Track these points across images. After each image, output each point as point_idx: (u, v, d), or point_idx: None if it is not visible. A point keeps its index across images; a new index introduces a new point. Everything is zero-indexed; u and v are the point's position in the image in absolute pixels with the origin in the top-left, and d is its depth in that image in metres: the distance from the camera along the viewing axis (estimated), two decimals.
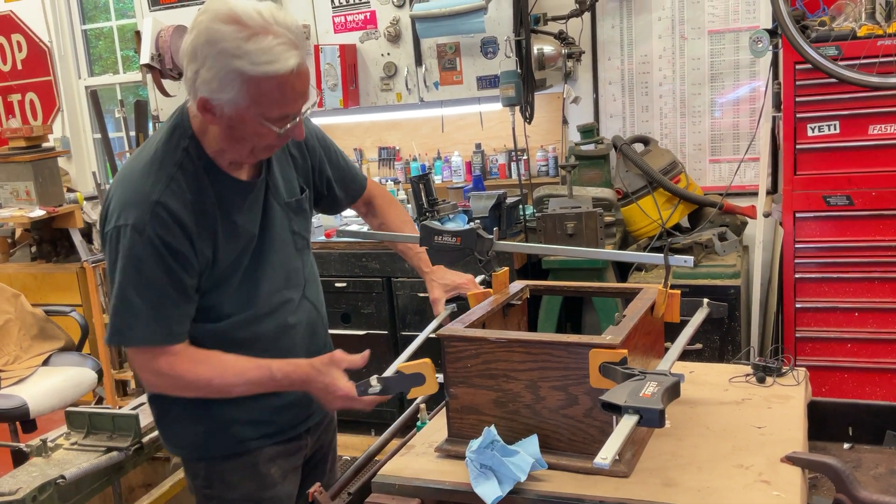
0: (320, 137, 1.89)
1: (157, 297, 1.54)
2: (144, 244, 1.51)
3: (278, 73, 1.45)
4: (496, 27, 3.72)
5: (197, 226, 1.57)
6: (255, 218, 1.68)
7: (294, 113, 1.54)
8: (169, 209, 1.53)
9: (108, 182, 5.10)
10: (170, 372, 1.57)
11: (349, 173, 1.96)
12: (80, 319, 3.95)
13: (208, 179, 1.60)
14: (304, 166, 1.83)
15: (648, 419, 1.17)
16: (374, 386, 1.51)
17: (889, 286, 3.02)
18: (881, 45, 2.83)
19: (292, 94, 1.50)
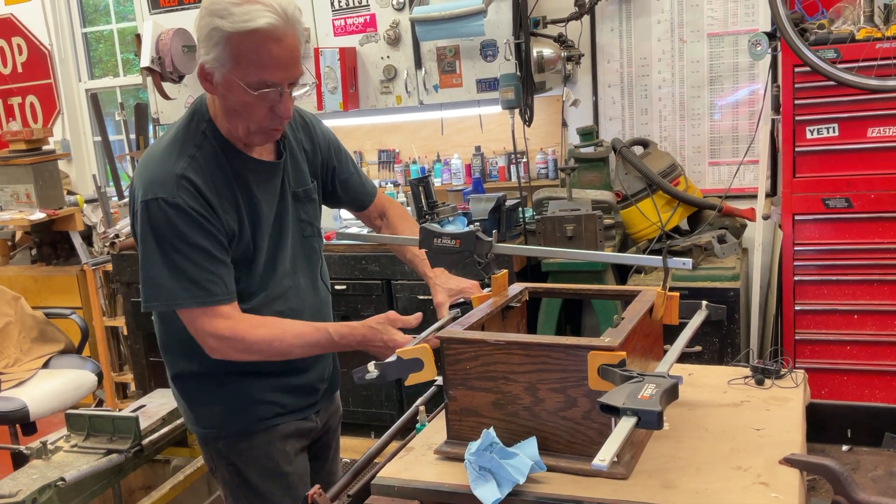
0: (332, 140, 2.00)
1: (187, 259, 1.65)
2: (174, 212, 1.63)
3: (251, 30, 1.55)
4: (495, 30, 3.73)
5: (219, 198, 1.69)
6: (273, 199, 1.79)
7: (273, 81, 1.61)
8: (192, 181, 1.65)
9: (109, 185, 5.11)
10: (231, 335, 1.68)
11: (356, 179, 2.05)
12: (80, 322, 3.95)
13: (226, 158, 1.72)
14: (314, 161, 1.93)
15: (647, 421, 1.17)
16: (371, 372, 1.50)
17: (888, 288, 3.02)
18: (880, 48, 2.84)
19: (269, 58, 1.59)
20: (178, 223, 1.64)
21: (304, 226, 1.89)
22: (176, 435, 2.35)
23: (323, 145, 1.96)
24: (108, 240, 4.23)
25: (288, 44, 1.61)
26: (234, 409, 1.83)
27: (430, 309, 3.59)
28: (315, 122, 1.98)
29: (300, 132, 1.92)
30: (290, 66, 1.64)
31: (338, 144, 2.02)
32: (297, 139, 1.90)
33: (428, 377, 1.50)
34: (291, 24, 1.61)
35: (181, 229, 1.64)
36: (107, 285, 4.66)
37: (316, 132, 1.96)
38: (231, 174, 1.72)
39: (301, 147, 1.90)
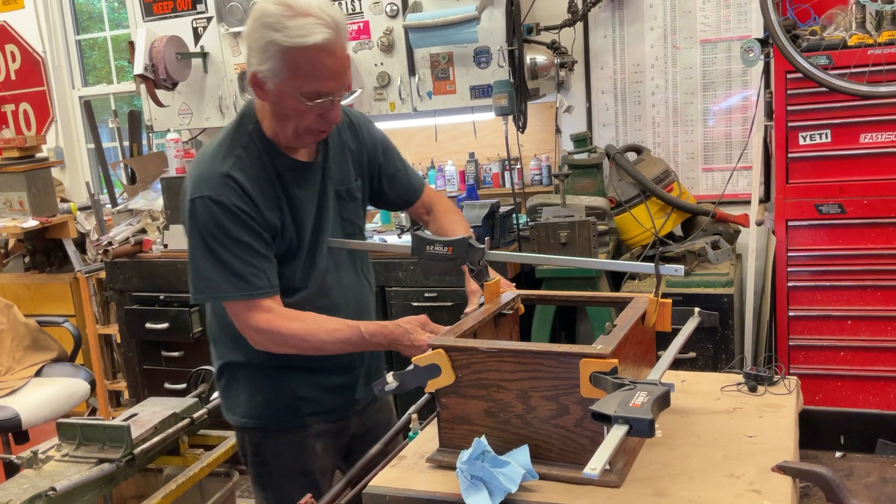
0: (379, 138, 2.06)
1: (231, 254, 1.75)
2: (220, 210, 1.74)
3: (308, 45, 1.64)
4: (489, 37, 3.73)
5: (262, 196, 1.78)
6: (312, 197, 1.88)
7: (326, 92, 1.71)
8: (237, 180, 1.76)
9: (102, 192, 5.10)
10: (268, 328, 1.76)
11: (403, 175, 2.11)
12: (72, 330, 3.94)
13: (269, 158, 1.82)
14: (360, 160, 2.00)
15: (638, 429, 1.17)
16: (390, 383, 1.50)
17: (882, 294, 3.03)
18: (871, 55, 2.85)
19: (324, 70, 1.68)
20: (223, 220, 1.74)
21: (345, 224, 1.96)
22: (168, 444, 2.34)
23: (369, 144, 2.02)
24: (101, 247, 4.22)
25: (340, 55, 1.70)
26: (271, 402, 1.91)
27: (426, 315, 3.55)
28: (362, 121, 2.05)
29: (346, 132, 1.99)
30: (342, 76, 1.73)
31: (385, 142, 2.08)
32: (343, 139, 1.97)
33: (447, 382, 1.47)
34: (342, 34, 1.69)
35: (226, 226, 1.74)
36: (100, 293, 4.64)
37: (362, 131, 2.03)
38: (273, 174, 1.82)
39: (346, 146, 1.97)
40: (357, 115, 2.06)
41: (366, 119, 2.07)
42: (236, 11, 4.21)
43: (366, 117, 2.08)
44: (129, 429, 2.20)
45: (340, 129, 1.97)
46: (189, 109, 4.49)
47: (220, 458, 2.30)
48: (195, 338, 4.11)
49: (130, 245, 4.24)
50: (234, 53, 4.30)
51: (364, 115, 2.09)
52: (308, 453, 1.94)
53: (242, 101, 4.34)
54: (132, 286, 4.23)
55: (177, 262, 4.12)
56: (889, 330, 3.02)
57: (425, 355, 1.49)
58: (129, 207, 4.49)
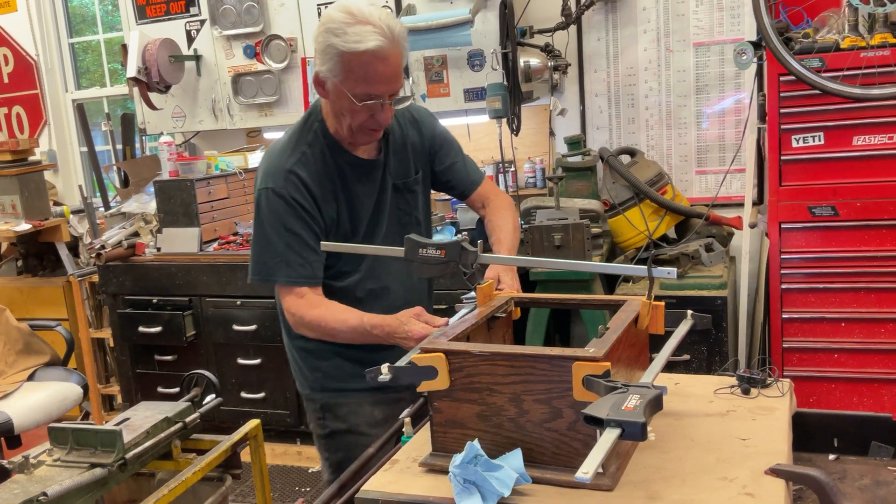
0: (439, 132, 2.20)
1: (283, 243, 1.94)
2: (280, 202, 1.93)
3: (361, 51, 1.79)
4: (483, 40, 3.74)
5: (321, 190, 1.96)
6: (371, 192, 2.04)
7: (376, 94, 1.86)
8: (298, 176, 1.94)
9: (95, 195, 5.09)
10: (296, 311, 1.98)
11: (460, 167, 2.23)
12: (65, 334, 3.92)
13: (331, 155, 1.99)
14: (421, 152, 2.15)
15: (630, 432, 1.16)
16: (384, 374, 1.49)
17: (875, 296, 3.03)
18: (864, 57, 2.86)
19: (374, 74, 1.83)
20: (281, 211, 1.93)
21: (401, 215, 2.12)
22: (161, 448, 2.32)
23: (429, 137, 2.16)
24: (94, 251, 4.20)
25: (392, 62, 1.84)
26: (328, 376, 2.12)
27: None
28: (424, 117, 2.20)
29: (409, 127, 2.14)
30: (392, 82, 1.87)
31: (444, 136, 2.21)
32: (405, 134, 2.13)
33: (441, 386, 1.46)
34: (397, 43, 1.83)
35: (283, 217, 1.94)
36: (93, 297, 4.63)
37: (424, 126, 2.17)
38: (334, 169, 1.99)
39: (408, 141, 2.12)
40: (420, 111, 2.22)
41: (428, 114, 2.23)
42: (230, 14, 4.21)
43: (429, 112, 2.24)
44: (121, 433, 2.18)
45: (403, 124, 2.13)
46: (182, 112, 4.49)
47: (212, 462, 2.29)
48: (188, 341, 4.10)
49: (123, 248, 4.23)
50: (227, 56, 4.30)
51: (427, 111, 2.25)
52: (366, 417, 2.11)
53: (236, 104, 4.34)
54: (125, 290, 4.22)
55: (170, 266, 4.11)
56: (882, 332, 3.03)
57: (425, 356, 1.48)
58: (122, 211, 4.47)
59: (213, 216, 4.26)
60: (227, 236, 4.28)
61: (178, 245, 4.17)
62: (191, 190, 4.11)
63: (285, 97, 4.24)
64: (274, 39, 4.15)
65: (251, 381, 4.10)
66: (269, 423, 4.05)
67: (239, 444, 2.39)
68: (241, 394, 4.11)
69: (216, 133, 4.72)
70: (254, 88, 4.29)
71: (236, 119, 4.39)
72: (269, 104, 4.28)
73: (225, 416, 3.90)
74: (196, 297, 4.09)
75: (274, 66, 4.17)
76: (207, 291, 4.06)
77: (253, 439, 2.45)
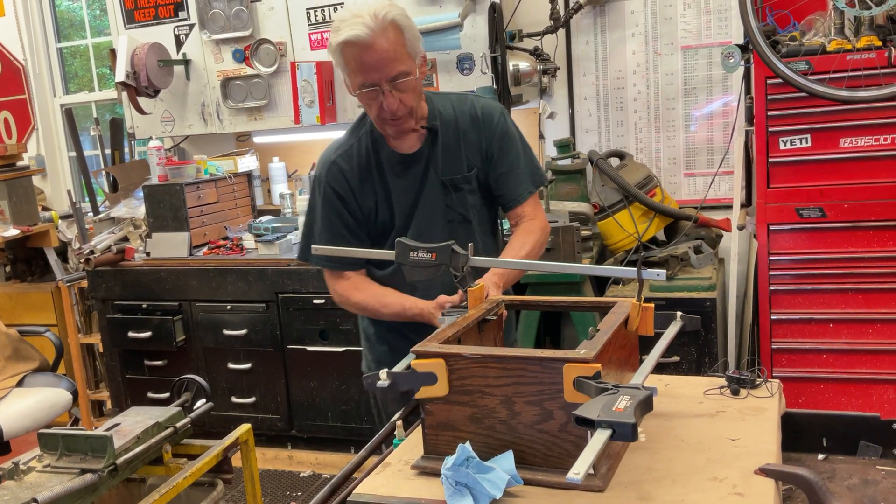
0: (503, 133, 2.16)
1: (328, 229, 2.12)
2: (324, 190, 2.12)
3: (342, 41, 1.88)
4: (472, 44, 3.75)
5: (360, 182, 2.11)
6: (411, 186, 2.12)
7: (369, 82, 1.93)
8: (340, 167, 2.11)
9: (84, 200, 5.07)
10: (342, 293, 2.17)
11: (510, 178, 2.17)
12: (54, 339, 3.91)
13: (373, 149, 2.12)
14: (479, 146, 2.15)
15: (621, 433, 1.17)
16: (382, 380, 1.49)
17: (863, 297, 3.05)
18: (850, 60, 2.88)
19: (361, 64, 1.90)
20: (323, 199, 2.12)
21: (447, 211, 2.14)
22: (151, 453, 2.32)
23: (488, 138, 2.15)
24: (83, 256, 4.19)
25: (378, 48, 1.88)
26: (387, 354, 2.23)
27: None
28: (490, 114, 2.17)
29: (467, 124, 2.14)
30: (381, 68, 1.91)
31: (506, 139, 2.16)
32: (460, 130, 2.13)
33: (440, 392, 1.46)
34: (386, 29, 1.88)
35: (324, 204, 2.13)
36: (82, 302, 4.61)
37: (485, 126, 2.15)
38: (375, 163, 2.11)
39: (462, 138, 2.13)
40: (487, 109, 2.18)
41: (496, 113, 2.17)
42: (218, 18, 4.21)
43: (498, 111, 2.19)
44: (111, 439, 2.18)
45: (460, 120, 2.14)
46: (171, 117, 4.48)
47: (203, 467, 2.28)
48: (178, 346, 4.09)
49: (112, 253, 4.22)
50: (216, 60, 4.29)
51: (496, 110, 2.19)
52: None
53: (226, 108, 4.33)
54: (114, 295, 4.20)
55: (159, 271, 4.10)
56: (870, 333, 3.05)
57: (425, 362, 1.48)
58: (111, 215, 4.46)
59: (203, 220, 4.25)
60: (216, 241, 4.27)
61: (168, 250, 4.16)
62: (180, 194, 4.10)
63: (275, 101, 4.24)
64: (263, 43, 4.15)
65: (242, 385, 4.10)
66: (260, 427, 4.04)
67: (230, 449, 2.39)
68: (232, 398, 4.10)
69: (205, 137, 4.71)
70: (243, 92, 4.29)
71: (226, 123, 4.38)
72: (259, 108, 4.28)
73: (215, 421, 3.89)
74: (186, 301, 4.08)
75: (263, 70, 4.17)
76: (197, 296, 4.05)
77: (244, 444, 2.45)
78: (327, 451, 4.05)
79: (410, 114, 2.03)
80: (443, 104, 2.18)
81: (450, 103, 2.19)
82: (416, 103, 2.04)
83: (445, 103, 2.19)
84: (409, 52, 1.96)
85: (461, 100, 2.21)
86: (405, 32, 1.94)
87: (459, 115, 2.15)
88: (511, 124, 2.21)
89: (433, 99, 2.19)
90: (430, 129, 2.12)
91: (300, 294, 3.86)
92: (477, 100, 2.21)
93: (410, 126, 2.06)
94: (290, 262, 3.89)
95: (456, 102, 2.20)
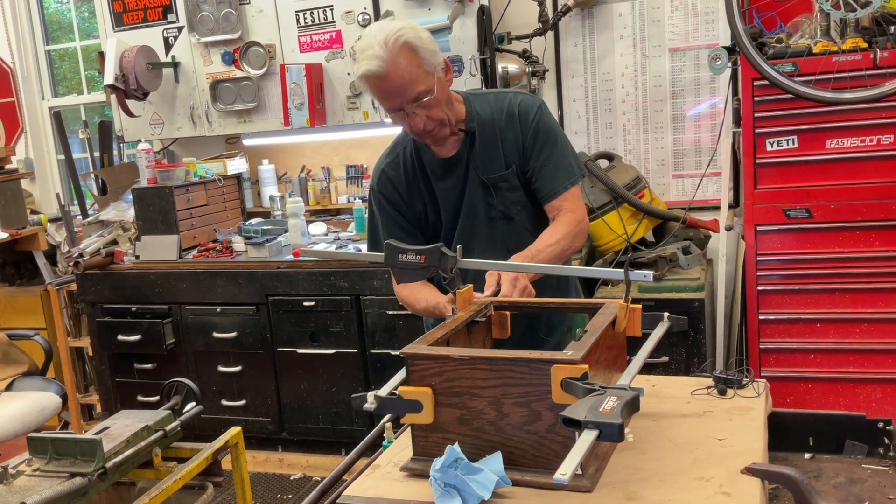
0: (541, 129, 2.16)
1: (388, 234, 2.18)
2: (377, 198, 2.25)
3: (361, 75, 1.98)
4: (461, 46, 3.76)
5: (407, 188, 2.22)
6: (455, 187, 2.19)
7: (392, 108, 2.02)
8: (388, 175, 2.23)
9: (73, 203, 5.05)
10: (395, 291, 2.25)
11: (546, 172, 2.17)
12: (43, 343, 3.90)
13: (418, 156, 2.21)
14: (516, 142, 2.17)
15: (608, 434, 1.18)
16: (369, 403, 1.49)
17: (849, 297, 3.07)
18: (836, 62, 2.90)
19: (381, 92, 2.00)
20: (379, 207, 2.24)
21: (489, 209, 2.20)
22: (141, 457, 2.32)
23: (525, 134, 2.16)
24: (72, 259, 4.18)
25: (392, 78, 1.95)
26: None
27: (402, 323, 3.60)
28: (527, 111, 2.17)
29: (504, 122, 2.16)
30: (398, 95, 1.98)
31: (543, 133, 2.16)
32: (497, 129, 2.16)
33: (425, 420, 1.47)
34: (394, 57, 1.93)
35: (378, 210, 2.25)
36: (71, 305, 4.59)
37: (523, 121, 2.16)
38: (419, 169, 2.20)
39: (500, 137, 2.16)
40: (525, 105, 2.18)
41: (533, 108, 2.17)
42: (207, 21, 4.20)
43: (536, 106, 2.18)
44: (100, 442, 2.18)
45: (497, 119, 2.16)
46: (160, 119, 4.47)
47: (193, 470, 2.28)
48: (168, 349, 4.08)
49: (102, 256, 4.21)
50: (205, 63, 4.29)
51: (534, 104, 2.19)
52: None
53: (215, 111, 4.33)
54: (104, 298, 4.19)
55: (149, 273, 4.09)
56: (857, 332, 3.07)
57: (412, 389, 1.48)
58: (100, 218, 4.45)
59: (193, 223, 4.25)
60: (206, 243, 4.27)
61: (157, 252, 4.15)
62: (169, 197, 4.10)
63: (264, 103, 4.24)
64: (252, 46, 4.15)
65: (232, 388, 4.09)
66: (251, 430, 4.04)
67: (220, 452, 2.39)
68: (222, 401, 4.10)
69: (195, 140, 4.71)
70: (232, 95, 4.29)
71: (215, 126, 4.38)
72: (248, 111, 4.28)
73: (206, 424, 3.89)
74: (175, 304, 4.07)
75: (252, 73, 4.17)
76: (187, 299, 4.04)
77: (233, 447, 2.45)
78: (318, 454, 4.05)
79: (442, 123, 2.07)
80: (481, 105, 2.19)
81: (488, 103, 2.20)
82: (445, 113, 2.07)
83: (483, 103, 2.20)
84: (427, 69, 1.99)
85: (499, 98, 2.22)
86: (419, 52, 1.97)
87: (496, 114, 2.17)
88: (548, 119, 2.19)
89: (471, 100, 2.21)
90: (467, 132, 2.16)
91: (290, 296, 3.86)
92: (515, 96, 2.21)
93: (446, 134, 2.11)
94: (280, 265, 3.89)
95: (494, 101, 2.20)
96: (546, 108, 2.22)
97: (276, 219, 4.43)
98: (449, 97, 2.12)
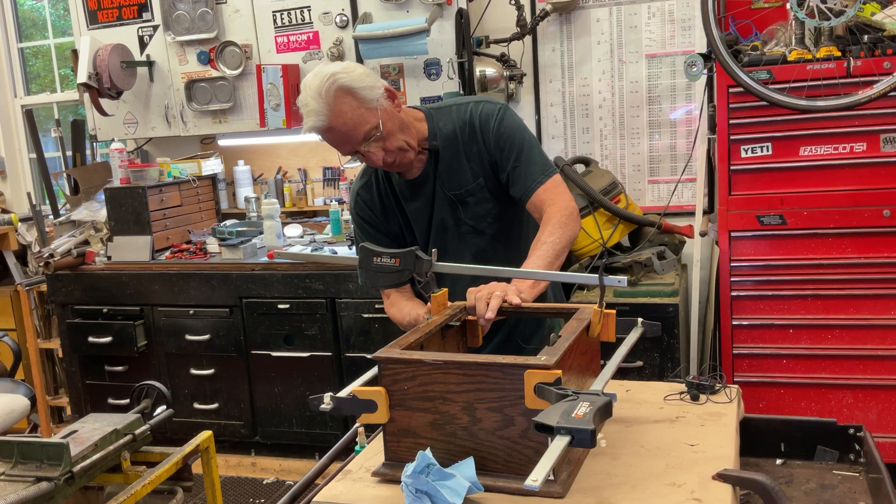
0: (505, 134, 2.13)
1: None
2: (355, 218, 2.29)
3: (306, 132, 2.01)
4: (439, 49, 3.75)
5: (382, 209, 2.25)
6: (424, 205, 2.20)
7: (347, 153, 2.05)
8: (363, 198, 2.26)
9: (44, 203, 4.98)
10: (386, 309, 2.25)
11: (518, 173, 2.12)
12: (12, 344, 3.84)
13: (386, 180, 2.23)
14: (480, 154, 2.14)
15: (580, 440, 1.17)
16: (326, 403, 1.48)
17: (822, 303, 3.10)
18: (810, 70, 2.92)
19: (331, 142, 2.03)
20: (360, 228, 2.29)
21: (459, 224, 2.20)
22: (109, 461, 2.28)
23: (491, 143, 2.13)
24: (42, 259, 4.12)
25: (337, 129, 1.98)
26: None
27: (377, 326, 3.58)
28: (489, 121, 2.13)
29: (467, 136, 2.14)
30: (347, 142, 2.01)
31: (506, 138, 2.12)
32: (459, 144, 2.14)
33: (380, 420, 1.47)
34: (332, 106, 1.94)
35: (359, 230, 2.30)
36: (41, 306, 4.53)
37: (482, 132, 2.13)
38: (389, 191, 2.22)
39: (463, 152, 2.15)
40: (483, 115, 2.14)
41: (493, 116, 2.13)
42: (183, 20, 4.17)
43: (494, 113, 2.13)
44: (67, 446, 2.14)
45: (459, 133, 2.14)
46: (134, 119, 4.43)
47: (162, 475, 2.25)
48: (139, 352, 4.04)
49: (73, 257, 4.15)
50: (180, 62, 4.25)
51: (493, 112, 2.14)
52: None
53: (190, 111, 4.29)
54: (74, 299, 4.14)
55: (121, 275, 4.04)
56: (829, 338, 3.10)
57: (366, 389, 1.48)
58: (72, 219, 4.39)
59: (166, 224, 4.20)
60: (179, 245, 4.22)
61: (130, 253, 4.11)
62: (142, 197, 4.05)
63: (240, 104, 4.21)
64: (228, 46, 4.12)
65: (204, 391, 4.05)
66: (224, 434, 4.00)
67: (190, 457, 2.36)
68: (195, 405, 4.06)
69: (169, 140, 4.66)
70: (208, 95, 4.25)
71: (190, 126, 4.34)
72: (224, 111, 4.25)
73: (178, 428, 3.85)
74: (147, 306, 4.03)
75: (228, 73, 4.13)
76: (159, 301, 4.00)
77: (204, 451, 2.42)
78: (291, 458, 4.02)
79: (402, 150, 2.06)
80: (443, 120, 2.16)
81: (450, 117, 2.16)
82: (402, 140, 2.05)
83: (446, 118, 2.16)
84: (369, 106, 1.97)
85: (461, 110, 2.17)
86: (357, 92, 1.96)
87: (459, 128, 2.14)
88: (510, 122, 2.13)
89: (434, 116, 2.17)
90: (431, 150, 2.15)
91: (265, 298, 3.83)
92: (476, 106, 2.16)
93: (410, 158, 2.10)
94: (255, 267, 3.86)
95: (456, 114, 2.16)
96: (508, 110, 2.16)
97: (252, 220, 4.40)
98: (403, 122, 2.06)
